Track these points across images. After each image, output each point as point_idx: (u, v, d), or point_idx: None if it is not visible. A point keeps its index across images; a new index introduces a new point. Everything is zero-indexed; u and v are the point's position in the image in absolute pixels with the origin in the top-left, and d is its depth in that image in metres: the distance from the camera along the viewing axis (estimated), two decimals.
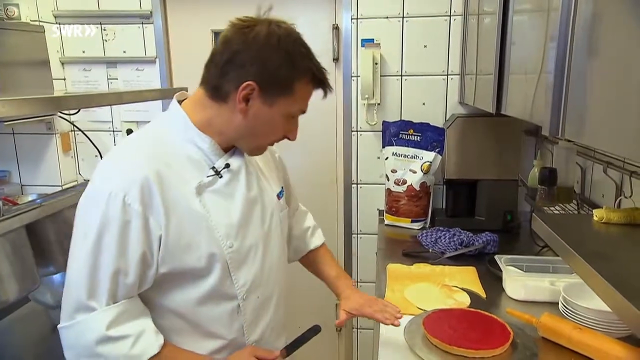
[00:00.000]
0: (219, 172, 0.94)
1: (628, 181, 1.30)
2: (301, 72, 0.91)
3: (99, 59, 2.39)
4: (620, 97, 0.69)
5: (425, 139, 2.09)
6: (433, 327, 1.17)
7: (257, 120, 0.92)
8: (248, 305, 0.99)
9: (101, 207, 0.83)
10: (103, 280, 0.84)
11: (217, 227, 0.92)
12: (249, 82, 0.88)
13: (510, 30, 1.35)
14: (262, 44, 0.88)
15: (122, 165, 0.88)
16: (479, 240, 1.78)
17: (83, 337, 0.85)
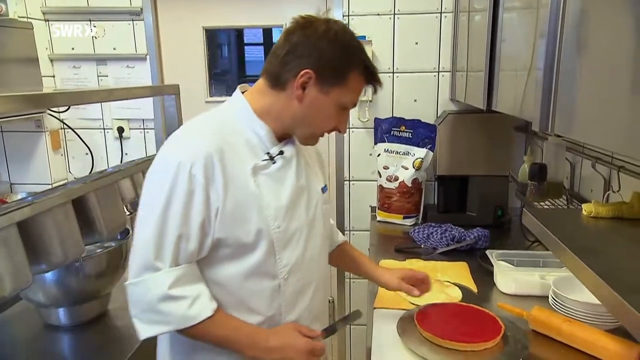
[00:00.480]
0: (273, 158, 1.02)
1: (616, 176, 1.32)
2: (355, 64, 0.98)
3: (89, 56, 2.37)
4: (608, 92, 0.71)
5: (417, 135, 2.10)
6: (425, 322, 1.18)
7: (312, 108, 0.99)
8: (288, 286, 1.04)
9: (170, 176, 0.91)
10: (168, 243, 0.91)
11: (267, 207, 0.99)
12: (307, 70, 0.95)
13: (501, 28, 1.36)
14: (320, 36, 0.96)
15: (190, 140, 0.96)
16: (471, 236, 1.79)
17: (148, 293, 0.92)
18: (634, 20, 0.63)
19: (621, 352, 1.02)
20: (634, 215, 1.04)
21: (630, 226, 1.02)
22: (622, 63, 0.65)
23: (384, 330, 1.22)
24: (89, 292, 1.31)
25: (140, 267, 0.93)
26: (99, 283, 1.32)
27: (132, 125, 2.45)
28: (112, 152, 2.48)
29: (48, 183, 2.33)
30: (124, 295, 1.49)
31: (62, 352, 1.26)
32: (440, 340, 1.11)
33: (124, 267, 1.38)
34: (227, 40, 2.69)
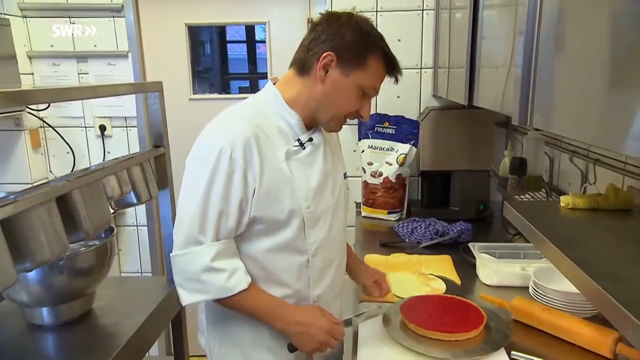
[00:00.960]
0: (303, 144, 1.10)
1: (592, 169, 1.36)
2: (374, 48, 1.05)
3: (69, 53, 2.34)
4: (584, 87, 0.73)
5: (400, 131, 2.12)
6: (410, 313, 1.20)
7: (334, 89, 1.06)
8: (315, 262, 1.13)
9: (213, 159, 0.99)
10: (211, 219, 1.01)
11: (299, 189, 1.08)
12: (329, 52, 1.03)
13: (481, 25, 1.38)
14: (342, 24, 1.05)
15: (230, 126, 1.05)
16: (454, 230, 1.83)
17: (192, 264, 1.02)
18: (608, 19, 0.65)
19: (598, 338, 1.06)
20: (609, 206, 1.08)
21: (606, 217, 1.06)
22: (597, 59, 0.68)
23: (370, 322, 1.24)
24: (73, 291, 1.29)
25: (186, 240, 1.03)
26: (84, 281, 1.31)
27: (114, 124, 2.42)
28: (94, 150, 2.45)
29: (28, 182, 2.30)
30: (109, 293, 1.50)
31: (46, 352, 1.25)
32: (424, 331, 1.13)
33: (109, 265, 1.37)
34: (210, 38, 2.68)
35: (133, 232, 2.51)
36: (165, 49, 2.40)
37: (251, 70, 2.63)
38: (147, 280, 2.05)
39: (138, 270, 2.55)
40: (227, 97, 2.50)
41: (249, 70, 2.65)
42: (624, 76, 0.61)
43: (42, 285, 1.22)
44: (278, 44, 2.35)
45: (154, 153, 1.47)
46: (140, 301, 1.46)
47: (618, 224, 1.02)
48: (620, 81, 0.62)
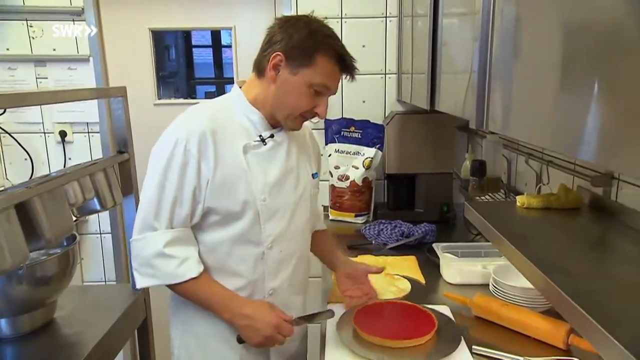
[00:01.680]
0: (264, 140, 1.15)
1: (546, 170, 1.43)
2: (322, 46, 1.07)
3: (26, 57, 2.27)
4: (536, 93, 0.77)
5: (366, 135, 2.16)
6: (362, 320, 1.19)
7: (284, 88, 1.10)
8: (271, 254, 1.16)
9: (169, 150, 1.05)
10: (165, 206, 1.06)
11: (255, 182, 1.12)
12: (277, 52, 1.07)
13: (441, 32, 1.44)
14: (292, 24, 1.09)
15: (189, 120, 1.11)
16: (419, 231, 1.87)
17: (146, 249, 1.08)
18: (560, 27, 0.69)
19: (552, 330, 1.11)
20: (561, 205, 1.14)
21: (558, 215, 1.12)
22: (549, 67, 0.71)
23: (334, 325, 1.24)
24: (34, 301, 1.25)
25: (142, 226, 1.08)
26: (44, 291, 1.27)
27: (75, 129, 2.36)
28: (54, 157, 2.37)
29: None
30: (71, 303, 1.46)
31: None
32: (374, 338, 1.12)
33: (71, 274, 1.34)
34: (175, 42, 2.65)
35: (96, 240, 2.45)
36: (129, 53, 2.36)
37: (217, 74, 2.62)
38: (112, 288, 2.00)
39: (102, 279, 2.48)
40: (193, 101, 2.47)
41: (215, 75, 2.64)
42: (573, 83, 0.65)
43: (1, 295, 1.18)
44: (244, 48, 2.36)
45: (118, 159, 1.45)
46: (104, 309, 1.43)
47: (568, 222, 1.08)
48: (569, 88, 0.66)
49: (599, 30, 0.58)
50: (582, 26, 0.63)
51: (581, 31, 0.63)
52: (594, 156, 0.59)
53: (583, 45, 0.62)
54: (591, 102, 0.59)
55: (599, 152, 0.58)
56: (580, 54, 0.63)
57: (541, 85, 0.75)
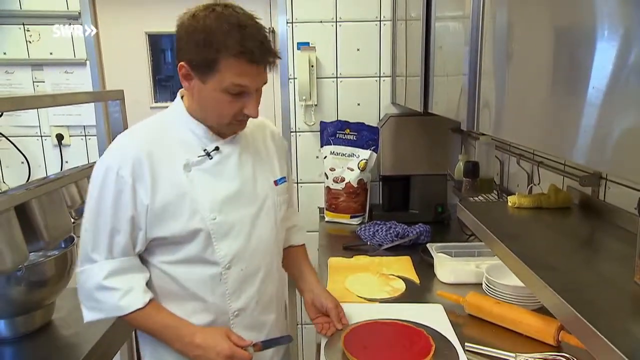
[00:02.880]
0: (209, 154, 1.06)
1: (536, 171, 1.46)
2: (222, 48, 0.94)
3: (23, 61, 2.28)
4: (525, 96, 0.80)
5: (361, 137, 2.19)
6: (352, 343, 1.14)
7: (201, 97, 1.02)
8: (231, 274, 1.09)
9: (100, 178, 1.00)
10: (102, 237, 1.01)
11: (201, 201, 1.04)
12: (182, 63, 0.99)
13: (434, 36, 1.46)
14: (187, 26, 0.97)
15: (121, 145, 1.04)
16: (413, 232, 1.90)
17: (87, 282, 1.02)
18: (549, 32, 0.71)
19: (543, 327, 1.14)
20: (550, 204, 1.17)
21: (548, 214, 1.15)
22: (538, 70, 0.74)
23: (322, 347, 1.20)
24: (32, 302, 1.27)
25: (82, 258, 1.04)
26: (43, 292, 1.28)
27: (72, 132, 2.37)
28: (51, 160, 2.38)
29: None
30: (69, 304, 1.47)
31: None
32: None
33: (70, 275, 1.35)
34: (171, 46, 2.67)
35: None
36: (125, 57, 2.38)
37: None
38: None
39: None
40: None
41: None
42: (561, 86, 0.67)
43: (0, 296, 1.19)
44: None
45: None
46: None
47: (558, 221, 1.11)
48: (557, 90, 0.68)
49: (584, 34, 0.60)
50: (569, 30, 0.65)
51: (568, 35, 0.65)
52: (581, 156, 0.61)
53: (570, 49, 0.64)
54: (578, 105, 0.61)
55: (586, 152, 0.60)
56: (567, 57, 0.65)
57: (530, 87, 0.77)
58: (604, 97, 0.55)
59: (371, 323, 1.25)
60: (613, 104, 0.54)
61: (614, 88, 0.53)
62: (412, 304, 1.40)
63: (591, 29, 0.58)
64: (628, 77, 0.50)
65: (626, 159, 0.52)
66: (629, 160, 0.51)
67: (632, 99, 0.49)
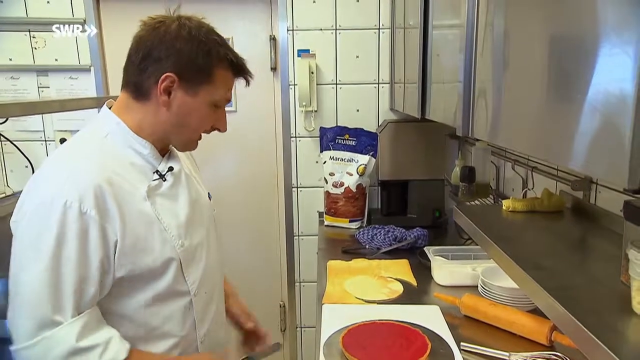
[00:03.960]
0: (163, 176, 0.97)
1: (531, 175, 1.50)
2: (218, 59, 0.93)
3: (28, 67, 2.32)
4: (518, 102, 0.83)
5: (360, 143, 2.23)
6: (351, 344, 1.17)
7: (182, 112, 0.94)
8: (199, 300, 1.03)
9: (56, 217, 0.82)
10: (67, 292, 0.83)
11: (169, 229, 0.95)
12: (168, 73, 0.90)
13: (431, 43, 1.50)
14: (174, 36, 0.91)
15: (73, 174, 0.86)
16: (411, 236, 1.93)
17: (51, 353, 0.82)
18: (543, 40, 0.74)
19: (536, 328, 1.17)
20: (544, 208, 1.20)
21: (541, 218, 1.18)
22: (532, 78, 0.76)
23: (332, 329, 1.27)
24: None
25: (35, 326, 0.82)
26: None
27: None
28: None
29: None
30: None
31: None
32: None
33: None
34: None
35: None
36: None
37: None
38: None
39: None
40: None
41: None
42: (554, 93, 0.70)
43: (6, 297, 1.22)
44: None
45: None
46: None
47: (550, 224, 1.14)
48: (550, 98, 0.71)
49: (578, 42, 0.63)
50: (562, 38, 0.68)
51: (561, 43, 0.68)
52: (572, 162, 0.64)
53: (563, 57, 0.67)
54: (570, 112, 0.63)
55: (576, 158, 0.62)
56: (560, 65, 0.68)
57: (524, 95, 0.80)
58: (596, 105, 0.58)
59: (369, 324, 1.28)
60: (604, 112, 0.56)
61: (607, 96, 0.55)
62: (410, 305, 1.43)
63: (585, 37, 0.61)
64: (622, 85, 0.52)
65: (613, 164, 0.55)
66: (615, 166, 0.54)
67: (623, 107, 0.51)
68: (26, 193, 0.87)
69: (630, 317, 0.68)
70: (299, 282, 2.49)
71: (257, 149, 2.45)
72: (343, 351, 1.15)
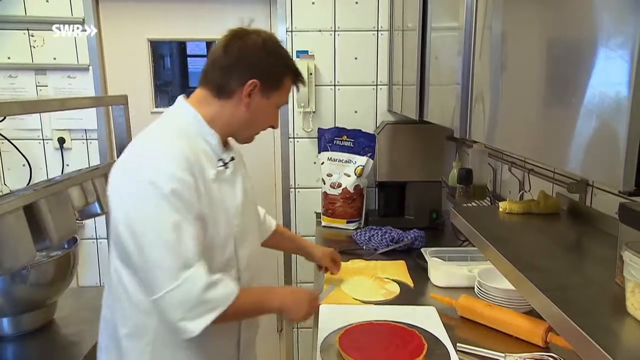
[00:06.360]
0: (226, 164, 1.12)
1: (527, 178, 1.51)
2: (286, 69, 1.13)
3: (27, 65, 2.31)
4: (515, 105, 0.84)
5: (358, 144, 2.23)
6: (348, 343, 1.18)
7: (257, 112, 1.11)
8: (244, 276, 1.16)
9: (167, 184, 0.96)
10: (191, 241, 0.99)
11: (230, 208, 1.10)
12: (253, 80, 1.07)
13: (429, 46, 1.51)
14: (259, 47, 1.08)
15: (171, 150, 1.01)
16: (408, 237, 1.93)
17: (192, 289, 0.98)
18: (541, 43, 0.75)
19: (532, 329, 1.18)
20: (540, 210, 1.21)
21: (537, 220, 1.19)
22: (529, 80, 0.77)
23: (328, 330, 1.27)
24: (35, 301, 1.30)
25: (175, 270, 0.97)
26: (46, 291, 1.31)
27: (73, 136, 2.40)
28: (52, 163, 2.41)
29: None
30: (71, 303, 1.50)
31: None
32: None
33: (72, 275, 1.38)
34: (170, 52, 2.71)
35: (92, 245, 2.49)
36: (127, 63, 2.42)
37: None
38: None
39: (97, 284, 2.51)
40: None
41: None
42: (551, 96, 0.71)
43: (4, 295, 1.22)
44: None
45: None
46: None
47: (547, 226, 1.15)
48: (546, 100, 0.72)
49: (575, 46, 0.63)
50: (560, 42, 0.69)
51: (559, 46, 0.69)
52: (568, 164, 0.64)
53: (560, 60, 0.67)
54: (566, 114, 0.64)
55: (572, 160, 0.63)
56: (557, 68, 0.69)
57: (521, 97, 0.81)
58: (592, 108, 0.58)
59: (366, 324, 1.29)
60: (600, 115, 0.57)
61: (603, 99, 0.56)
62: (406, 306, 1.44)
63: (581, 40, 0.62)
64: (617, 89, 0.53)
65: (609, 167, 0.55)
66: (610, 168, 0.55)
67: (618, 111, 0.52)
68: (133, 168, 1.00)
69: (624, 318, 0.69)
70: (296, 282, 2.49)
71: (255, 150, 2.43)
72: (340, 352, 1.16)
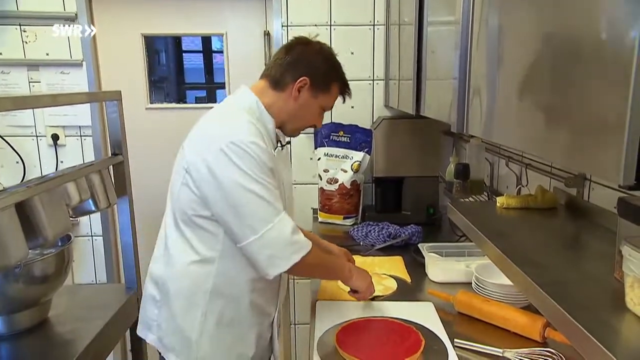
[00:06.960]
0: (283, 146, 1.29)
1: (524, 172, 1.50)
2: (337, 77, 1.28)
3: (19, 61, 2.29)
4: (513, 100, 0.83)
5: (355, 140, 2.22)
6: (345, 340, 1.17)
7: (303, 107, 1.25)
8: None
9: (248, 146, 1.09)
10: (273, 193, 1.12)
11: (285, 184, 1.25)
12: (304, 77, 1.21)
13: (426, 40, 1.50)
14: (316, 52, 1.26)
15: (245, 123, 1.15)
16: (405, 232, 1.93)
17: (283, 231, 1.12)
18: (538, 37, 0.74)
19: (529, 324, 1.17)
20: (537, 205, 1.20)
21: (534, 214, 1.18)
22: (526, 74, 0.77)
23: (325, 327, 1.27)
24: (29, 299, 1.29)
25: (271, 215, 1.11)
26: (40, 289, 1.30)
27: (67, 132, 2.38)
28: (46, 160, 2.39)
29: None
30: (65, 302, 1.49)
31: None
32: None
33: (67, 273, 1.37)
34: (165, 47, 2.69)
35: (87, 243, 2.47)
36: (121, 58, 2.40)
37: (208, 80, 2.66)
38: (105, 288, 2.02)
39: (93, 281, 2.50)
40: (184, 106, 2.51)
41: (205, 80, 2.68)
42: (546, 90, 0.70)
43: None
44: (235, 55, 2.40)
45: (113, 161, 1.49)
46: (97, 309, 1.46)
47: (544, 221, 1.14)
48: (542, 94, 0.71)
49: (572, 39, 0.63)
50: (556, 35, 0.68)
51: (555, 40, 0.68)
52: (565, 159, 0.64)
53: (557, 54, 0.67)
54: (564, 108, 0.64)
55: (570, 154, 0.63)
56: (554, 62, 0.68)
57: (518, 91, 0.81)
58: (590, 102, 0.58)
59: (363, 320, 1.28)
60: (598, 109, 0.56)
61: (602, 93, 0.55)
62: (404, 302, 1.43)
63: (579, 33, 0.61)
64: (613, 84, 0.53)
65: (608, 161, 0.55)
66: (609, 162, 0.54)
67: (617, 105, 0.51)
68: (225, 136, 1.10)
69: (623, 314, 0.69)
70: (293, 278, 2.48)
71: None
72: (337, 348, 1.16)
